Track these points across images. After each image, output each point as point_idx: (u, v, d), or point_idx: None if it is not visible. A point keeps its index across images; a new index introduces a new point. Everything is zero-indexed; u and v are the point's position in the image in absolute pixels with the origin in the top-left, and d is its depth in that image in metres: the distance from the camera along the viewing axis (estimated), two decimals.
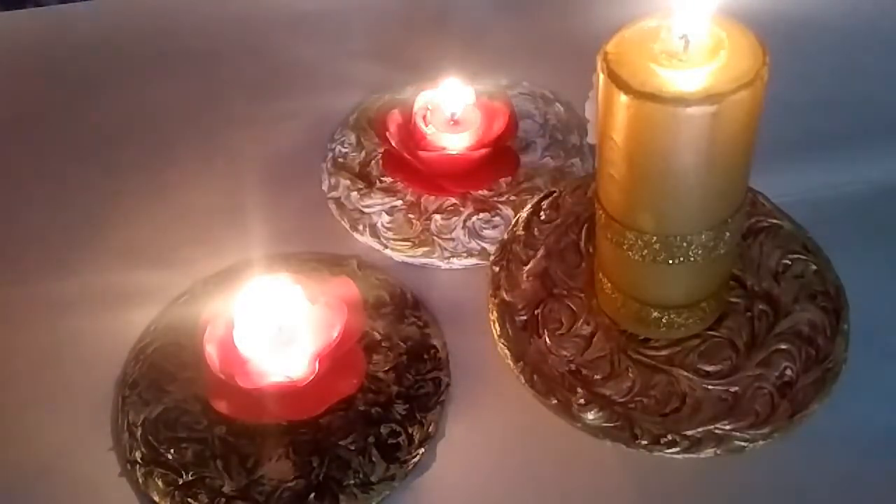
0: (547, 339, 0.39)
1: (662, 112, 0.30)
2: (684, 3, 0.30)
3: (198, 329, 0.39)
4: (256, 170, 0.51)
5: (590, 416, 0.36)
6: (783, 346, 0.38)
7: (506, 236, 0.43)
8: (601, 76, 0.31)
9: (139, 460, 0.39)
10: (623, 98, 0.30)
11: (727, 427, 0.36)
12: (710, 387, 0.37)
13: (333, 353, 0.38)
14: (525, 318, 0.40)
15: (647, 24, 0.32)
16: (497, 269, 0.42)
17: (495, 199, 0.48)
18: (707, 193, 0.33)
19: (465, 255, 0.46)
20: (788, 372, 0.37)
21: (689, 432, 0.36)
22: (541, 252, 0.42)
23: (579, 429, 0.36)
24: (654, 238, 0.34)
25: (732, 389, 0.37)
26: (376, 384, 0.41)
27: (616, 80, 0.30)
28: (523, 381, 0.38)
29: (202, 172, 0.52)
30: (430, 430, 0.40)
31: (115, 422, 0.41)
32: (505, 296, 0.41)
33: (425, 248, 0.47)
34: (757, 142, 0.33)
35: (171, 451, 0.39)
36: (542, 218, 0.43)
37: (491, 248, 0.45)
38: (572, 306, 0.40)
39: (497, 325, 0.40)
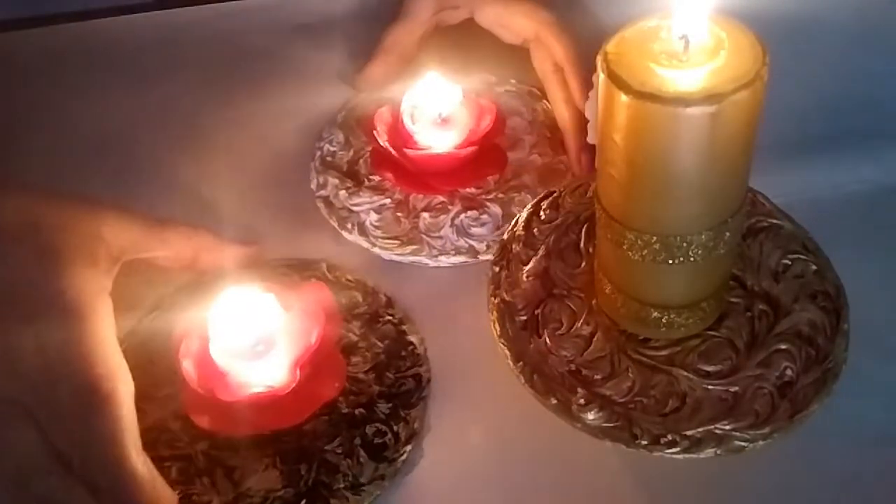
0: (547, 339, 0.39)
1: (662, 112, 0.30)
2: (684, 3, 0.30)
3: (171, 345, 0.39)
4: (243, 170, 0.51)
5: (590, 416, 0.36)
6: (783, 346, 0.38)
7: (506, 236, 0.43)
8: (601, 76, 0.31)
9: None
10: (623, 98, 0.30)
11: (727, 427, 0.36)
12: (710, 387, 0.37)
13: (312, 359, 0.38)
14: (525, 318, 0.40)
15: (647, 24, 0.32)
16: (497, 268, 0.42)
17: (483, 196, 0.48)
18: (707, 193, 0.33)
19: (453, 252, 0.46)
20: (788, 372, 0.37)
21: (689, 432, 0.36)
22: (541, 252, 0.42)
23: (579, 429, 0.36)
24: (654, 238, 0.34)
25: (732, 389, 0.37)
26: (357, 385, 0.41)
27: (616, 80, 0.30)
28: (523, 381, 0.38)
29: (189, 173, 0.52)
30: (415, 426, 0.40)
31: None
32: (505, 296, 0.41)
33: (414, 247, 0.47)
34: (757, 142, 0.33)
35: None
36: (542, 218, 0.43)
37: (479, 246, 0.46)
38: (572, 306, 0.40)
39: (497, 325, 0.40)
